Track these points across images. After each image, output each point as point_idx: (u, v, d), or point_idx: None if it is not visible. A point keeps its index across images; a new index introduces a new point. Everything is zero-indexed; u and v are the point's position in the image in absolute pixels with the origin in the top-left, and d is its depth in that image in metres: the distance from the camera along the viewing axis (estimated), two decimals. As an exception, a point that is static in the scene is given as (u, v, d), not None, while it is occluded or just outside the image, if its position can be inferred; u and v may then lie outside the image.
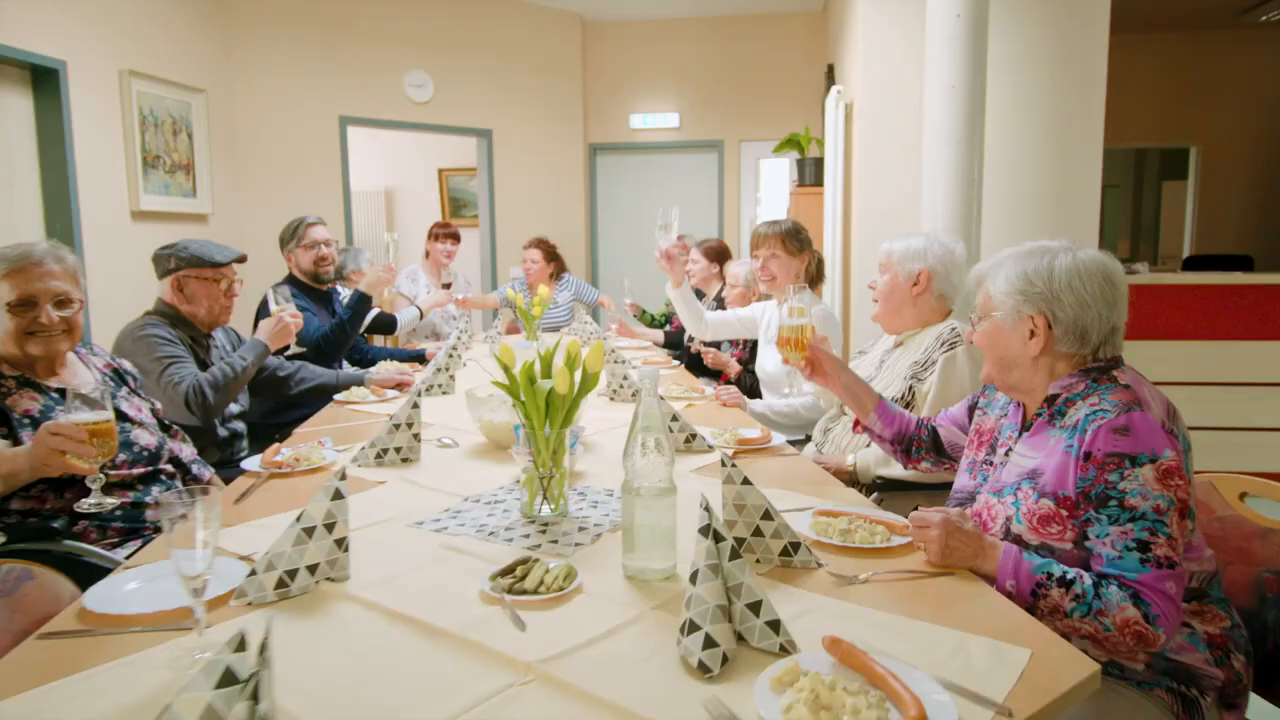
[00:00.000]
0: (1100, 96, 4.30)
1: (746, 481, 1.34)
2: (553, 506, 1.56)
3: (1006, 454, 1.50)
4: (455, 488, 1.76)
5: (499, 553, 1.39)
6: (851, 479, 2.11)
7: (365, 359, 3.69)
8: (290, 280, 3.38)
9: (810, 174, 5.42)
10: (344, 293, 4.03)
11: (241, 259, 2.64)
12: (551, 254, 5.08)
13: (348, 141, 5.70)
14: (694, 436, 2.07)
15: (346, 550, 1.28)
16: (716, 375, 3.76)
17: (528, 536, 1.46)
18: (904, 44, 4.26)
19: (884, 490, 2.03)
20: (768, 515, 1.33)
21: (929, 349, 2.14)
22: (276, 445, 2.05)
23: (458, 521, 1.54)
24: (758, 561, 1.34)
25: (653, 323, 4.84)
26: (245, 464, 1.94)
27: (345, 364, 3.58)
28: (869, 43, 4.39)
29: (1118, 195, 7.77)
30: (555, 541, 1.43)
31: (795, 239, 2.94)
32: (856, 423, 1.92)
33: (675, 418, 2.07)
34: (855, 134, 4.58)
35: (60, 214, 3.91)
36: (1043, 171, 4.39)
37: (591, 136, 6.85)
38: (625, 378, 2.77)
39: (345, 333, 3.23)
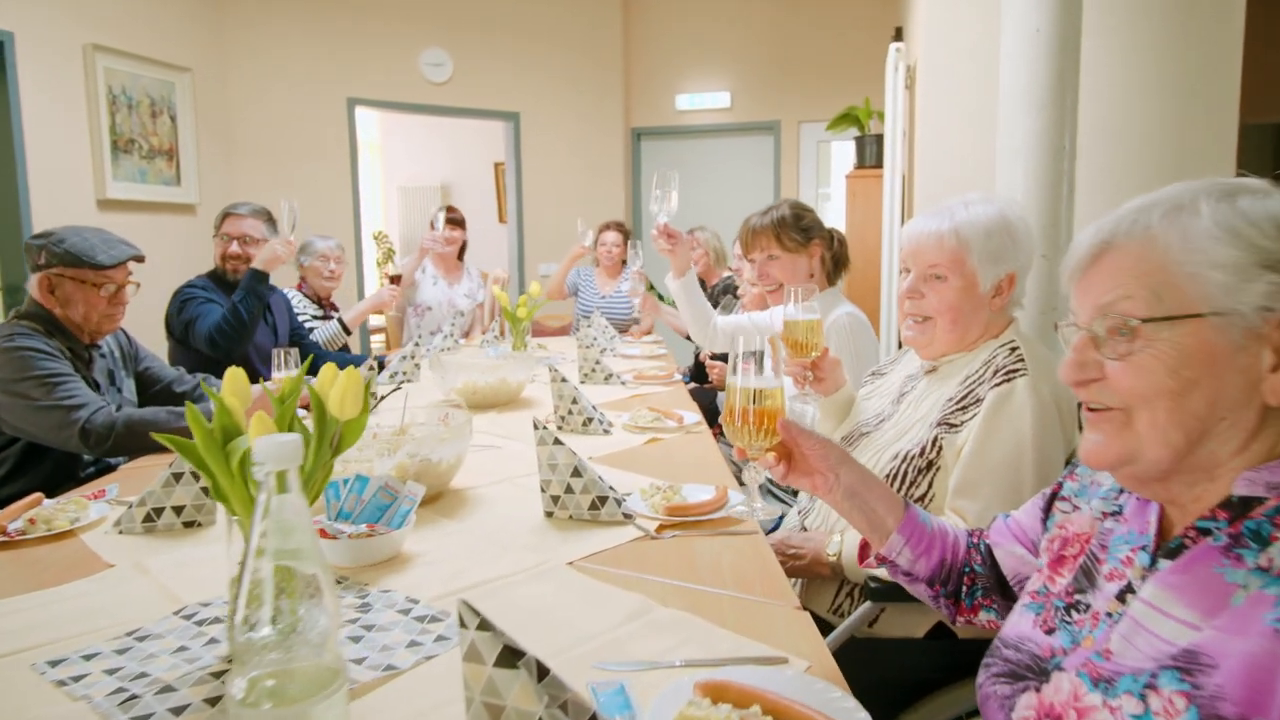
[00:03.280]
0: (1235, 57, 3.36)
1: (506, 661, 0.68)
2: (281, 625, 0.94)
3: (1122, 597, 0.77)
4: (187, 584, 1.15)
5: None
6: (835, 575, 1.40)
7: (317, 365, 3.15)
8: (211, 273, 2.88)
9: (871, 154, 4.65)
10: (295, 295, 3.54)
11: (138, 259, 2.15)
12: (627, 239, 4.60)
13: (356, 125, 5.25)
14: (604, 501, 1.42)
15: None
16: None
17: (182, 710, 0.84)
18: (979, -12, 3.46)
19: (882, 599, 1.31)
20: (544, 733, 0.67)
21: (972, 379, 1.41)
22: (37, 495, 1.51)
23: (119, 660, 0.94)
24: (527, 822, 0.68)
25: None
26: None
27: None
28: (935, -11, 3.60)
29: (1252, 183, 6.59)
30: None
31: (795, 229, 2.22)
32: (864, 549, 1.15)
33: (578, 472, 1.42)
34: (918, 101, 3.80)
35: (8, 202, 3.55)
36: (1158, 148, 3.49)
37: (633, 120, 6.21)
38: (575, 401, 2.13)
39: (241, 319, 2.68)
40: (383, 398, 1.84)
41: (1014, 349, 1.40)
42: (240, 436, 0.93)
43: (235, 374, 1.02)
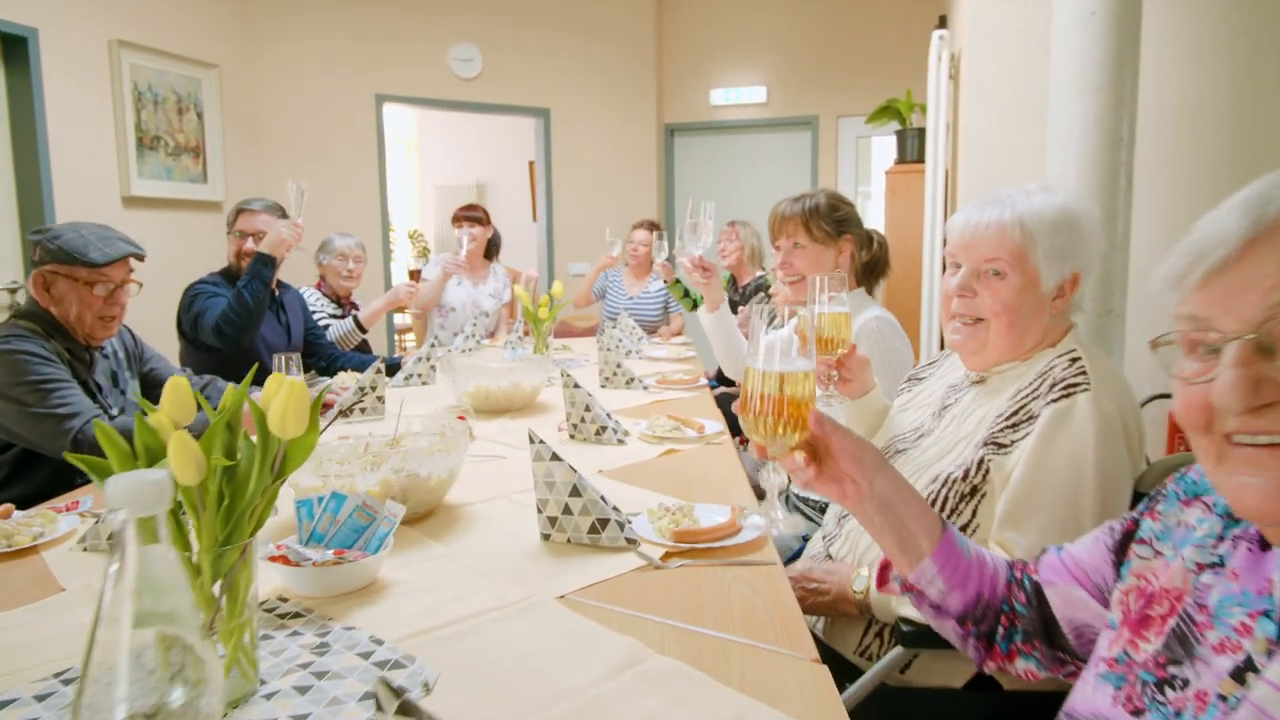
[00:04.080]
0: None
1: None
2: (190, 684, 0.82)
3: (1240, 677, 0.62)
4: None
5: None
6: (862, 614, 1.24)
7: (333, 366, 3.08)
8: (224, 270, 2.81)
9: (912, 148, 4.45)
10: (313, 294, 3.46)
11: (137, 256, 2.06)
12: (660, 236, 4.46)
13: (384, 121, 5.18)
14: (605, 524, 1.28)
15: None
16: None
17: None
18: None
19: (914, 645, 1.15)
20: None
21: (1025, 393, 1.24)
22: (8, 507, 1.42)
23: (37, 709, 0.83)
24: None
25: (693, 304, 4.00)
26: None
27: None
28: (983, -29, 3.40)
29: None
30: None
31: (828, 220, 2.06)
32: (884, 571, 1.00)
33: (577, 491, 1.29)
34: (963, 92, 3.60)
35: (32, 200, 3.53)
36: (1228, 138, 3.25)
37: (667, 116, 6.07)
38: (588, 408, 1.99)
39: (246, 304, 2.58)
40: (340, 411, 1.72)
41: (1074, 359, 1.22)
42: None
43: (176, 384, 0.90)
